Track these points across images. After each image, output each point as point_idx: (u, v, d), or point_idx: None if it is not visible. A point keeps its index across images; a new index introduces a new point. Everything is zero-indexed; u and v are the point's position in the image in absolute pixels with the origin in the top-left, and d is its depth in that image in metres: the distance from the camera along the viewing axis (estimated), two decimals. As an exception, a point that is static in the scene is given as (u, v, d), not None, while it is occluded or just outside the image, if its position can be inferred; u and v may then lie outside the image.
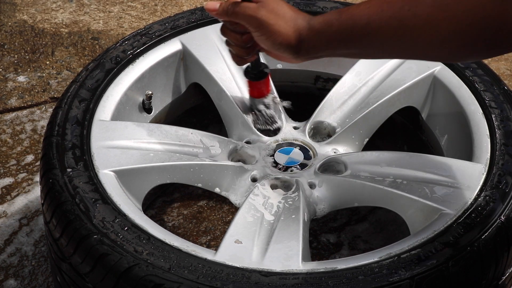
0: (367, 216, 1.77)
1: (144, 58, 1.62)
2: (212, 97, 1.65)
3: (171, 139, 1.48)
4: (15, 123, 2.06)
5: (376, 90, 1.61)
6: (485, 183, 1.34)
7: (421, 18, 1.12)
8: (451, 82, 1.57)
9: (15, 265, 1.68)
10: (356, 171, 1.44)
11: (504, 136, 1.43)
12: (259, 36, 1.28)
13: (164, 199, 1.80)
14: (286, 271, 1.20)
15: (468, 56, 1.17)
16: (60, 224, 1.28)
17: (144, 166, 1.42)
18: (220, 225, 1.75)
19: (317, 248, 1.70)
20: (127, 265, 1.19)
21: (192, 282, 1.16)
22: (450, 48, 1.12)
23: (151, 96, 1.62)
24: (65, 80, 2.21)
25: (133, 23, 2.46)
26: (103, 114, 1.49)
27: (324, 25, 1.22)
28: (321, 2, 1.75)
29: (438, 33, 1.11)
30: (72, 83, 1.54)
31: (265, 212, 1.36)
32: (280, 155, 1.51)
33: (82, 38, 2.37)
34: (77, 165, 1.36)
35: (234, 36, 1.35)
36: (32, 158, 1.95)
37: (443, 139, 1.60)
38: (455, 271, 1.19)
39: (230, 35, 1.35)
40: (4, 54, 2.30)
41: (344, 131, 1.55)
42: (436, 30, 1.11)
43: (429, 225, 1.29)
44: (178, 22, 1.70)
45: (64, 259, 1.29)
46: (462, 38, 1.09)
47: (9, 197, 1.84)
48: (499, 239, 1.25)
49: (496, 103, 1.50)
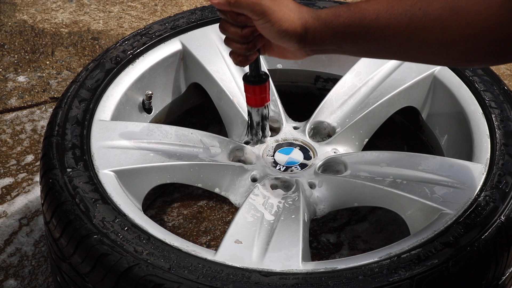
0: (367, 216, 1.77)
1: (144, 58, 1.62)
2: (212, 97, 1.65)
3: (171, 139, 1.48)
4: (15, 123, 2.06)
5: (376, 90, 1.61)
6: (485, 183, 1.34)
7: (431, 19, 1.11)
8: (451, 82, 1.57)
9: (15, 265, 1.68)
10: (356, 171, 1.44)
11: (504, 136, 1.43)
12: (263, 24, 1.25)
13: (164, 199, 1.80)
14: (286, 271, 1.20)
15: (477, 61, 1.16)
16: (60, 224, 1.28)
17: (144, 166, 1.42)
18: (220, 225, 1.75)
19: (317, 248, 1.70)
20: (127, 265, 1.19)
21: (192, 282, 1.16)
22: (459, 52, 1.11)
23: (151, 96, 1.62)
24: (65, 80, 2.21)
25: (133, 23, 2.46)
26: (103, 114, 1.49)
27: (332, 16, 1.21)
28: (321, 2, 1.75)
29: (447, 35, 1.10)
30: (72, 83, 1.54)
31: (265, 212, 1.36)
32: (280, 155, 1.51)
33: (82, 38, 2.37)
34: (77, 165, 1.36)
35: (234, 31, 1.32)
36: (32, 158, 1.95)
37: (443, 139, 1.60)
38: (455, 271, 1.19)
39: (230, 30, 1.32)
40: (4, 54, 2.30)
41: (344, 131, 1.55)
42: (446, 32, 1.10)
43: (429, 225, 1.29)
44: (178, 22, 1.70)
45: (64, 259, 1.29)
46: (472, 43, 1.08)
47: (9, 197, 1.84)
48: (499, 239, 1.25)
49: (496, 103, 1.50)
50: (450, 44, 1.11)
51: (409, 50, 1.18)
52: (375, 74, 1.63)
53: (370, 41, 1.20)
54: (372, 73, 1.63)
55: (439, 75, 1.60)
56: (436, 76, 1.60)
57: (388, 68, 1.63)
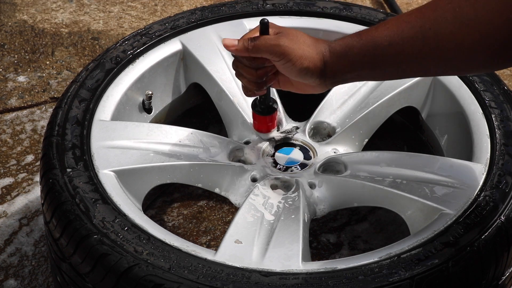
0: (367, 216, 1.77)
1: (144, 58, 1.62)
2: (212, 97, 1.65)
3: (171, 139, 1.48)
4: (15, 123, 2.06)
5: (376, 90, 1.61)
6: (485, 183, 1.34)
7: (443, 37, 1.10)
8: (451, 82, 1.57)
9: (15, 265, 1.68)
10: (356, 171, 1.44)
11: (504, 136, 1.43)
12: (284, 64, 1.26)
13: (164, 199, 1.80)
14: (286, 271, 1.20)
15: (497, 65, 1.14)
16: (60, 224, 1.28)
17: (144, 166, 1.42)
18: (220, 225, 1.75)
19: (317, 248, 1.70)
20: (127, 265, 1.19)
21: (192, 282, 1.16)
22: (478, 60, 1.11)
23: (151, 96, 1.62)
24: (65, 80, 2.21)
25: (133, 23, 2.46)
26: (103, 114, 1.49)
27: (345, 48, 1.22)
28: (321, 2, 1.75)
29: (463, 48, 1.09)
30: (72, 83, 1.54)
31: (265, 212, 1.36)
32: (280, 155, 1.51)
33: (82, 38, 2.37)
34: (77, 165, 1.36)
35: (248, 71, 1.32)
36: (32, 158, 1.95)
37: (443, 139, 1.60)
38: (455, 271, 1.19)
39: (244, 70, 1.33)
40: (4, 54, 2.30)
41: (344, 131, 1.55)
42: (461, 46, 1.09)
43: (429, 225, 1.29)
44: (178, 22, 1.70)
45: (64, 259, 1.29)
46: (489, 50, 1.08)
47: (9, 197, 1.84)
48: (499, 239, 1.25)
49: (496, 103, 1.50)
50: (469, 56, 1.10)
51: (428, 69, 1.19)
52: (375, 74, 1.63)
53: (387, 67, 1.20)
54: (372, 73, 1.63)
55: (439, 75, 1.60)
56: (436, 76, 1.60)
57: (388, 68, 1.63)
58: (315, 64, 1.24)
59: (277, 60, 1.26)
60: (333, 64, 1.24)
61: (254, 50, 1.27)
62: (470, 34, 1.07)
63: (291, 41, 1.25)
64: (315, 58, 1.24)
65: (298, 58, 1.24)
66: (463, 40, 1.08)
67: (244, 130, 1.56)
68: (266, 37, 1.27)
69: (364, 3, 2.54)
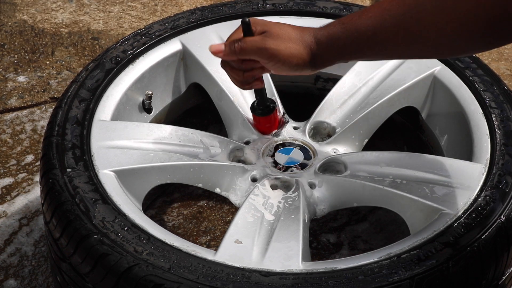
0: (367, 216, 1.77)
1: (144, 58, 1.62)
2: (212, 97, 1.65)
3: (171, 139, 1.48)
4: (15, 123, 2.06)
5: (376, 90, 1.61)
6: (485, 183, 1.34)
7: (425, 24, 1.12)
8: (451, 82, 1.57)
9: (15, 265, 1.68)
10: (356, 171, 1.44)
11: (504, 136, 1.43)
12: (273, 65, 1.27)
13: (164, 199, 1.80)
14: (286, 271, 1.20)
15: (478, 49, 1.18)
16: (60, 224, 1.28)
17: (144, 166, 1.42)
18: (220, 225, 1.75)
19: (317, 248, 1.70)
20: (127, 265, 1.19)
21: (192, 282, 1.16)
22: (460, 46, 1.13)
23: (151, 96, 1.62)
24: (65, 80, 2.21)
25: (133, 23, 2.46)
26: (103, 114, 1.49)
27: (331, 39, 1.23)
28: (321, 2, 1.75)
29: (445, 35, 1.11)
30: (72, 83, 1.54)
31: (265, 212, 1.36)
32: (280, 155, 1.51)
33: (82, 38, 2.37)
34: (77, 165, 1.36)
35: (236, 72, 1.33)
36: (32, 158, 1.95)
37: (443, 139, 1.60)
38: (455, 271, 1.19)
39: (232, 72, 1.33)
40: (4, 54, 2.30)
41: (344, 131, 1.55)
42: (442, 33, 1.11)
43: (429, 225, 1.29)
44: (178, 22, 1.70)
45: (64, 259, 1.29)
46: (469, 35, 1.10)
47: (9, 197, 1.84)
48: (499, 239, 1.25)
49: (496, 103, 1.50)
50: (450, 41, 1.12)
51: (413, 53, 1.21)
52: (375, 74, 1.63)
53: (373, 54, 1.22)
54: (372, 73, 1.63)
55: (439, 75, 1.60)
56: (436, 76, 1.60)
57: (388, 68, 1.63)
58: (303, 59, 1.25)
59: (266, 62, 1.27)
60: (321, 55, 1.25)
61: (242, 53, 1.27)
62: (450, 22, 1.09)
63: (277, 40, 1.25)
64: (303, 53, 1.25)
65: (286, 58, 1.25)
66: (444, 28, 1.10)
67: (244, 130, 1.56)
68: (251, 40, 1.26)
69: (364, 3, 2.55)
